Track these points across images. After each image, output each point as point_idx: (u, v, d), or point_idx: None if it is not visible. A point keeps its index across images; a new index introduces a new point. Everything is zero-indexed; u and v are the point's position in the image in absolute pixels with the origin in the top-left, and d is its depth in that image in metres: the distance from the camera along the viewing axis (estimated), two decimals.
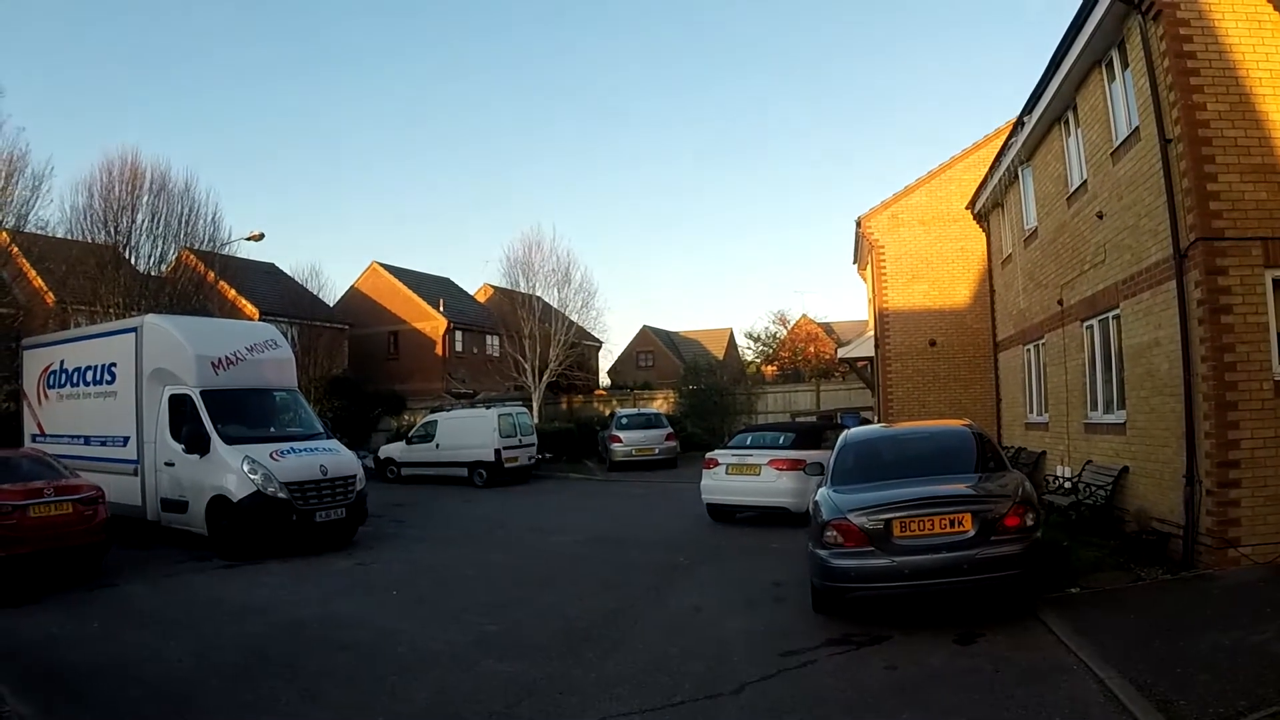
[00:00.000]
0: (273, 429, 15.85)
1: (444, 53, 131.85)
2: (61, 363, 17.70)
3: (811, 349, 55.35)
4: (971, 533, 8.04)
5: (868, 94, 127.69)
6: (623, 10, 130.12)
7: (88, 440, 16.65)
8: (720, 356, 64.60)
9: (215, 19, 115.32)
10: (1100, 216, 12.43)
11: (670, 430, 31.56)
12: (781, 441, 16.87)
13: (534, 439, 28.74)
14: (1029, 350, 17.56)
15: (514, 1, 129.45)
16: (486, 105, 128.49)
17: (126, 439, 15.84)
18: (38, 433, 18.05)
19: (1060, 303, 14.59)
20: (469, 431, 27.19)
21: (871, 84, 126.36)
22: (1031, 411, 17.70)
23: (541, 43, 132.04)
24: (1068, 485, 13.42)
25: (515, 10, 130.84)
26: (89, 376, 16.91)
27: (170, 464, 15.15)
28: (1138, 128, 10.94)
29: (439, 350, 46.22)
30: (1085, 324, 13.56)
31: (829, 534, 8.47)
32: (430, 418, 29.83)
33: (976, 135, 24.54)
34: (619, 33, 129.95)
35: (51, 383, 17.91)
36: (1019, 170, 17.10)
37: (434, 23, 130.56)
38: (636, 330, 73.16)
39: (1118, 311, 12.12)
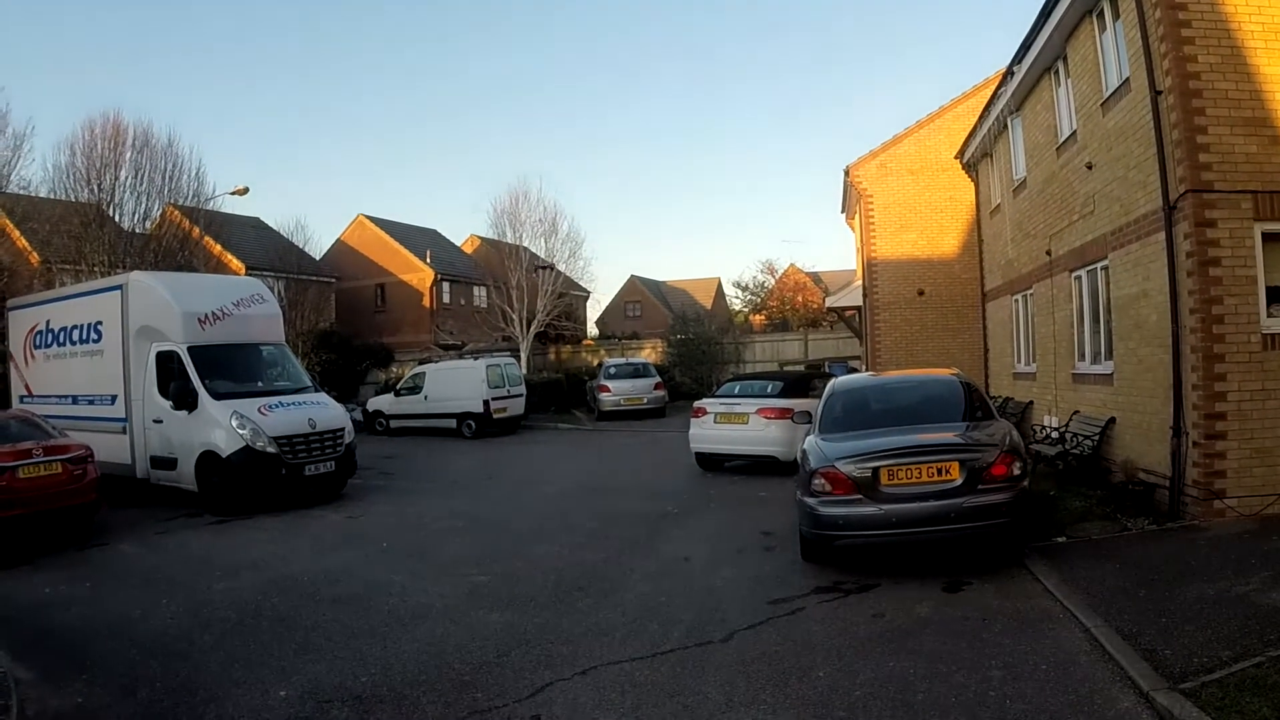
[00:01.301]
0: (260, 384, 15.78)
1: (427, 3, 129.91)
2: (47, 323, 17.59)
3: (800, 298, 55.25)
4: (959, 481, 8.11)
5: (858, 42, 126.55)
6: None
7: (75, 400, 16.60)
8: (708, 306, 64.62)
9: None
10: (1089, 167, 12.39)
11: (659, 380, 31.63)
12: (769, 390, 16.92)
13: (522, 390, 28.76)
14: (1017, 300, 17.57)
15: None
16: (471, 57, 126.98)
17: (114, 397, 15.78)
18: (25, 394, 17.99)
19: (1049, 253, 14.58)
20: (457, 383, 27.21)
21: (862, 33, 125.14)
22: (1019, 361, 17.77)
23: None
24: (1055, 435, 13.49)
25: None
26: (75, 336, 16.82)
27: (159, 421, 15.11)
28: (1128, 79, 10.85)
29: (426, 302, 46.08)
30: (1074, 275, 13.56)
31: (817, 482, 8.51)
32: (418, 370, 29.82)
33: (966, 85, 24.42)
34: None
35: (38, 343, 17.81)
36: (1008, 120, 17.00)
37: None
38: (624, 280, 73.18)
39: (1106, 262, 12.12)
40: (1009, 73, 15.63)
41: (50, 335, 17.48)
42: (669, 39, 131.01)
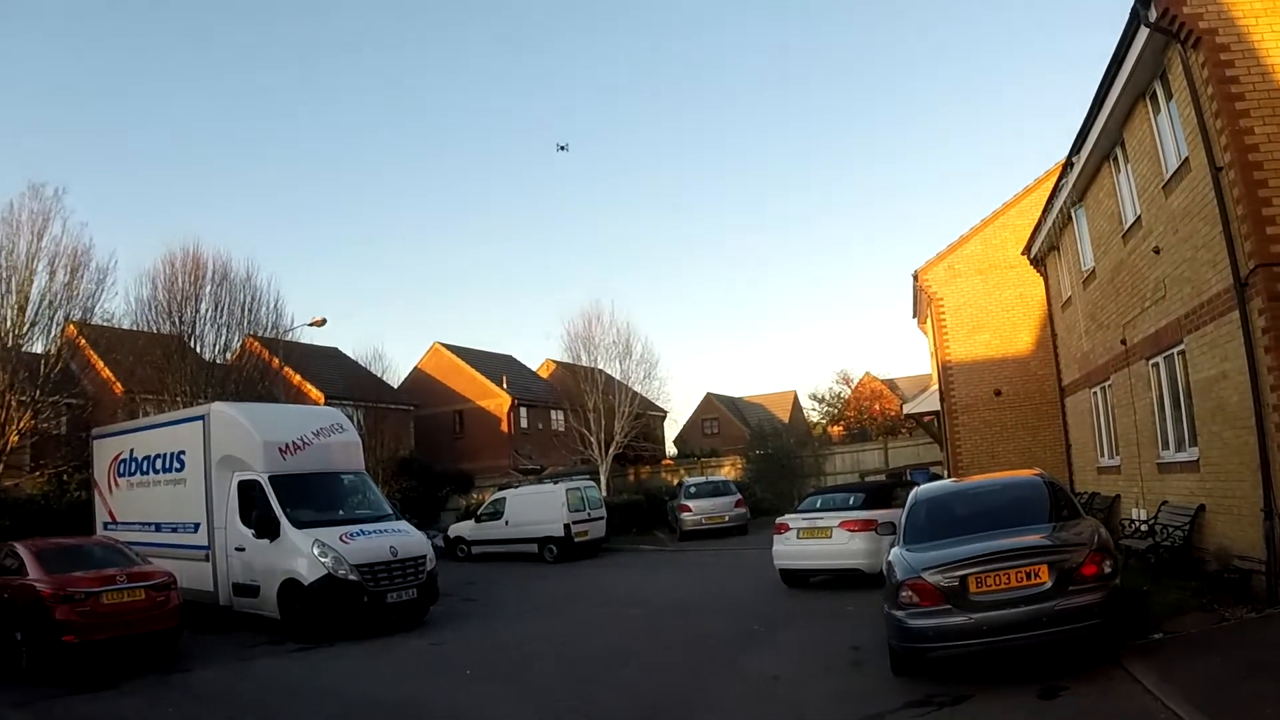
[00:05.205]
0: (342, 512, 15.97)
1: (495, 130, 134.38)
2: (131, 451, 18.10)
3: (877, 406, 55.00)
4: (1049, 584, 7.90)
5: (916, 151, 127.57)
6: (672, 69, 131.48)
7: (159, 527, 16.92)
8: (785, 419, 64.41)
9: (261, 104, 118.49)
10: (1157, 251, 12.27)
11: (739, 496, 31.28)
12: (851, 502, 16.68)
13: (603, 512, 28.61)
14: (1095, 392, 17.25)
15: (568, 82, 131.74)
16: (539, 182, 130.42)
17: (197, 525, 16.07)
18: (109, 520, 18.37)
19: (1123, 342, 14.36)
20: (538, 507, 27.18)
21: (916, 141, 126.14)
22: (1102, 455, 17.35)
23: (591, 110, 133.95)
24: (1144, 528, 13.08)
25: (569, 88, 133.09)
26: (158, 464, 17.27)
27: (241, 549, 15.33)
28: (1187, 158, 10.81)
29: (504, 427, 46.57)
30: (1150, 362, 13.31)
31: (904, 594, 8.38)
32: (498, 495, 29.89)
33: (1026, 180, 24.44)
34: (666, 89, 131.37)
35: (122, 471, 18.29)
36: (1072, 211, 16.94)
37: (469, 95, 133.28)
38: (700, 398, 73.38)
39: (1182, 346, 11.88)
40: (1068, 164, 15.66)
41: (134, 464, 17.95)
42: (732, 157, 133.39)
